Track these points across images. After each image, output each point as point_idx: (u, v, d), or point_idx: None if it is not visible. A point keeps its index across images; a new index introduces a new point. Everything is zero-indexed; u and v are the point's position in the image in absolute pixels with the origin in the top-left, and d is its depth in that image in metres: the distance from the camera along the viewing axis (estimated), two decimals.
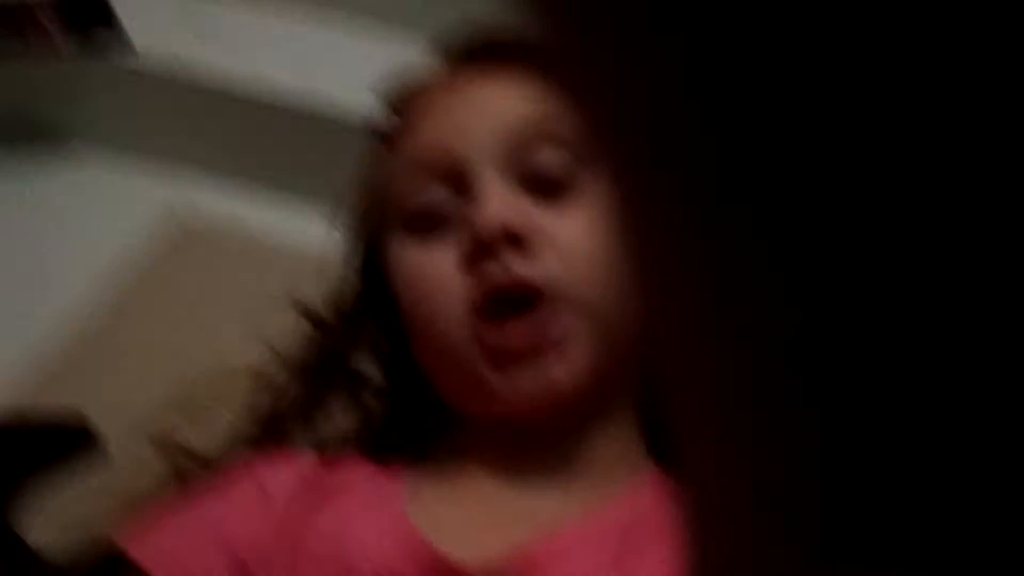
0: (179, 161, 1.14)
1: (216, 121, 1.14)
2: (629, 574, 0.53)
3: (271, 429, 0.68)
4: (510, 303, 0.57)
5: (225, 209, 1.07)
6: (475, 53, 0.67)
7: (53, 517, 0.73)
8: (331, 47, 1.17)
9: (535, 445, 0.60)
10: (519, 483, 0.59)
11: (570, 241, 0.58)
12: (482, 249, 0.56)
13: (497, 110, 0.61)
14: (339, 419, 0.68)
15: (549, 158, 0.60)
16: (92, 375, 0.89)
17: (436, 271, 0.59)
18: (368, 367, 0.69)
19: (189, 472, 0.69)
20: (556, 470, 0.59)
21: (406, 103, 0.67)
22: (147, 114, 1.15)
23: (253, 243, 1.03)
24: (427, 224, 0.60)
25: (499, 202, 0.57)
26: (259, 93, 1.12)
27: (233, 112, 1.12)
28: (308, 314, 0.71)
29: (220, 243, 1.03)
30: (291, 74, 1.13)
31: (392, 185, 0.63)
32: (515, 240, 0.57)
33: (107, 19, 1.15)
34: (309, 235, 0.79)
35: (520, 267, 0.57)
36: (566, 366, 0.57)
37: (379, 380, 0.69)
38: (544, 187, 0.60)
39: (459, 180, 0.60)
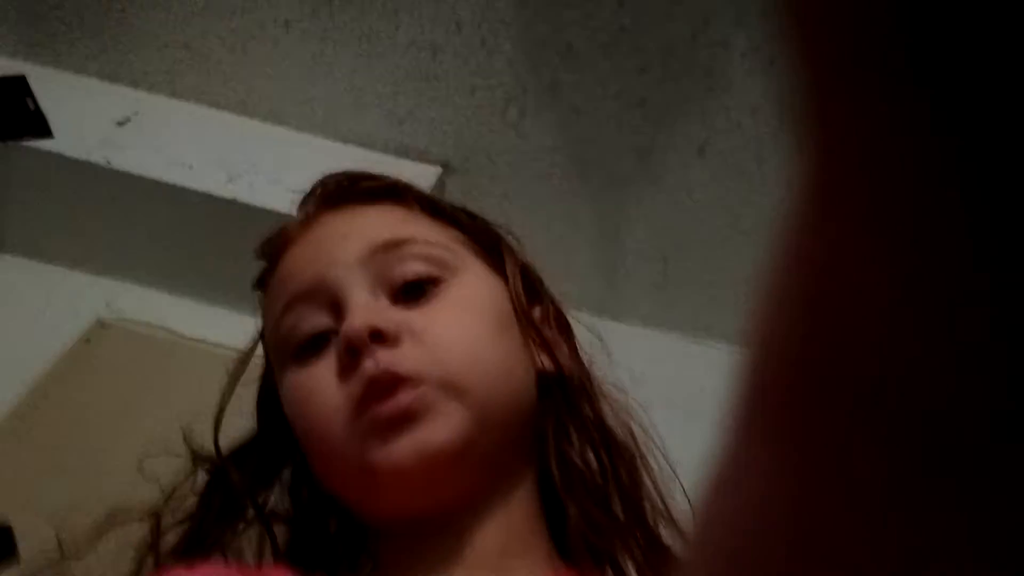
0: (100, 255, 1.15)
1: (139, 214, 1.16)
2: None
3: (190, 542, 0.70)
4: (384, 391, 0.62)
5: (149, 307, 1.07)
6: (330, 196, 0.75)
7: None
8: (260, 144, 1.19)
9: (438, 542, 0.64)
10: None
11: (433, 331, 0.64)
12: (352, 351, 0.62)
13: (357, 235, 0.69)
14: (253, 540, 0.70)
15: (406, 267, 0.67)
16: (7, 474, 0.89)
17: (318, 384, 0.65)
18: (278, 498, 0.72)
19: None
20: (463, 566, 0.63)
21: (275, 249, 0.73)
22: (67, 207, 1.15)
23: (176, 343, 1.04)
24: (311, 350, 0.66)
25: (364, 309, 0.64)
26: (185, 187, 1.12)
27: (157, 205, 1.14)
28: (210, 458, 0.73)
29: (142, 342, 1.04)
30: (221, 168, 1.14)
31: (277, 326, 0.69)
32: (379, 337, 0.62)
33: (27, 108, 1.16)
34: (235, 335, 0.81)
35: (387, 357, 0.62)
36: (437, 428, 0.62)
37: (286, 509, 0.72)
38: (407, 292, 0.67)
39: (333, 303, 0.66)
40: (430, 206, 0.73)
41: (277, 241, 0.73)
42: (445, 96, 1.22)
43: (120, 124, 1.20)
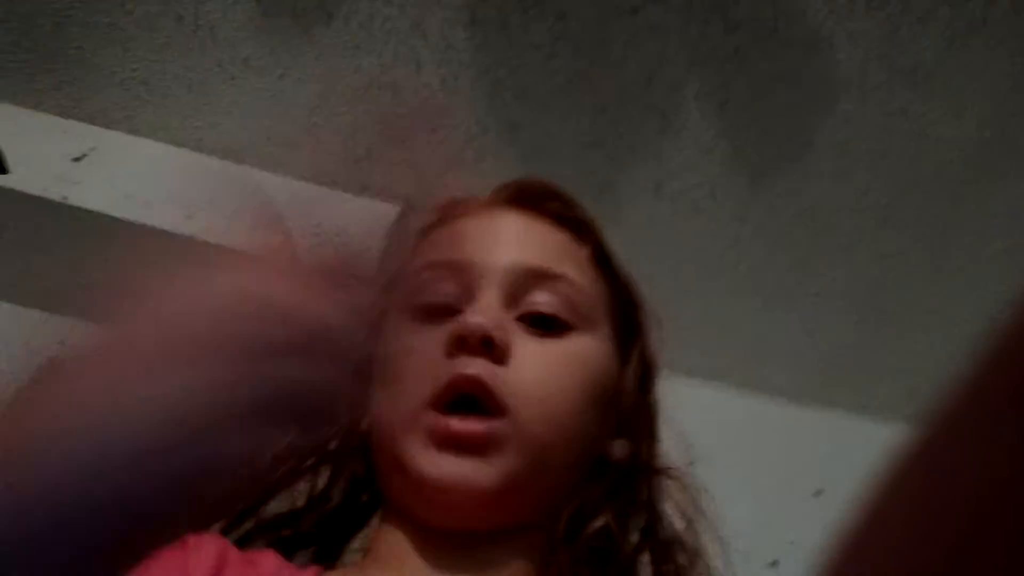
0: (55, 293, 1.13)
1: (96, 251, 1.14)
2: None
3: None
4: (464, 403, 0.63)
5: None
6: (524, 196, 0.75)
7: None
8: (219, 181, 1.19)
9: (444, 553, 0.65)
10: None
11: (534, 367, 0.65)
12: (460, 342, 0.64)
13: (523, 245, 0.71)
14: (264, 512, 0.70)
15: (547, 299, 0.68)
16: None
17: (422, 348, 0.66)
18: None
19: None
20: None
21: (453, 211, 0.75)
22: (23, 243, 1.13)
23: None
24: (430, 314, 0.68)
25: (488, 311, 0.66)
26: (143, 224, 1.11)
27: (114, 242, 1.13)
28: None
29: None
30: (178, 205, 1.13)
31: (412, 276, 0.71)
32: (489, 345, 0.64)
33: None
34: None
35: (484, 369, 0.64)
36: (488, 470, 0.63)
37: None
38: (532, 320, 0.68)
39: (468, 286, 0.68)
40: (600, 256, 0.74)
41: (459, 205, 0.75)
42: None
43: (76, 160, 1.19)
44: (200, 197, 1.18)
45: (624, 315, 0.74)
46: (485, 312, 0.66)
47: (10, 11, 1.17)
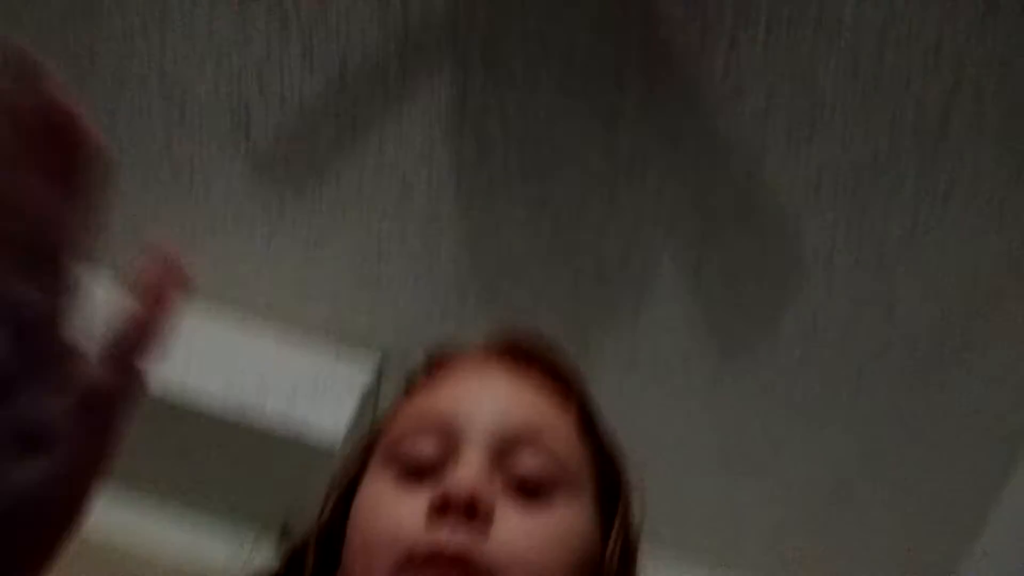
0: None
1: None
2: None
3: None
4: (440, 567, 0.61)
5: (120, 520, 1.03)
6: (514, 349, 0.74)
7: None
8: (260, 357, 1.20)
9: None
10: None
11: (517, 540, 0.63)
12: (444, 506, 0.62)
13: (511, 404, 0.69)
14: None
15: (532, 462, 0.66)
16: None
17: (404, 510, 0.64)
18: None
19: None
20: None
21: (442, 362, 0.74)
22: None
23: (147, 559, 0.98)
24: (412, 471, 0.66)
25: (475, 475, 0.64)
26: (168, 397, 1.11)
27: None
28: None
29: (112, 558, 0.98)
30: (210, 381, 1.14)
31: (396, 428, 0.69)
32: (473, 512, 0.62)
33: None
34: (210, 554, 0.76)
35: (465, 538, 0.61)
36: None
37: None
38: (518, 484, 0.66)
39: (452, 445, 0.66)
40: (587, 418, 0.73)
41: (449, 357, 0.74)
42: (388, 297, 1.25)
43: None
44: (179, 346, 1.17)
45: (607, 481, 0.73)
46: (470, 474, 0.64)
47: None
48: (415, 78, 1.14)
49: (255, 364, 1.19)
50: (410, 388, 0.74)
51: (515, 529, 0.64)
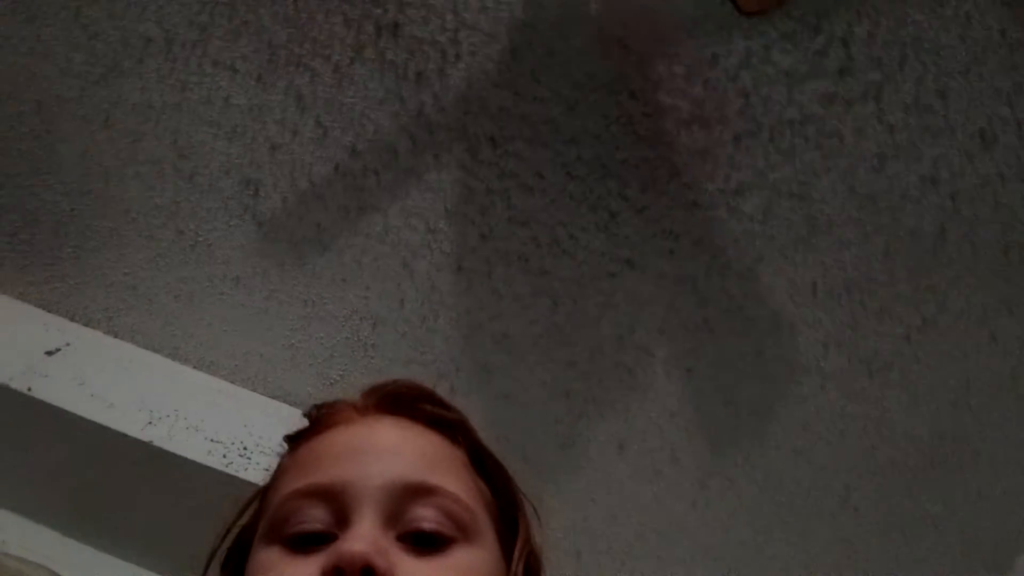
0: None
1: (49, 447, 1.13)
2: None
3: None
4: None
5: (35, 543, 1.02)
6: (393, 401, 0.73)
7: None
8: (188, 390, 1.20)
9: None
10: None
11: None
12: (339, 572, 0.60)
13: (396, 459, 0.67)
14: None
15: (425, 514, 0.65)
16: None
17: None
18: None
19: None
20: None
21: (322, 420, 0.72)
22: None
23: None
24: (303, 544, 0.64)
25: (368, 538, 0.62)
26: (101, 424, 1.10)
27: (69, 440, 1.11)
28: None
29: None
30: (143, 410, 1.13)
31: (284, 503, 0.67)
32: (370, 574, 0.60)
33: None
34: None
35: None
36: None
37: None
38: (414, 540, 0.64)
39: (342, 510, 0.64)
40: (476, 458, 0.72)
41: (328, 414, 0.72)
42: (380, 365, 1.25)
43: (49, 353, 1.20)
44: (167, 404, 1.17)
45: (504, 512, 0.72)
46: (363, 537, 0.62)
47: (17, 204, 1.21)
48: (424, 156, 1.16)
49: (238, 428, 1.19)
50: (293, 446, 0.72)
51: None
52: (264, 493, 0.72)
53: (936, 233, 1.11)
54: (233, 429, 1.18)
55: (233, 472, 1.11)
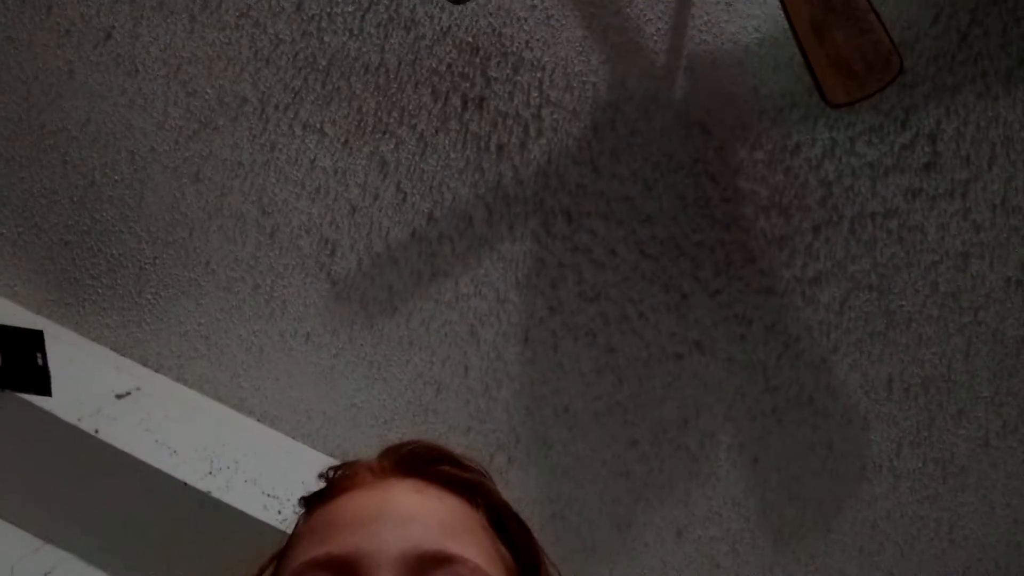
0: (53, 521, 1.11)
1: (110, 490, 1.14)
2: None
3: None
4: None
5: None
6: (411, 463, 0.72)
7: None
8: (250, 442, 1.22)
9: None
10: None
11: None
12: None
13: (412, 526, 0.65)
14: None
15: None
16: None
17: None
18: None
19: None
20: None
21: (337, 484, 0.71)
22: (42, 469, 1.14)
23: None
24: None
25: None
26: (162, 471, 1.11)
27: (130, 484, 1.12)
28: None
29: None
30: (204, 459, 1.15)
31: (296, 570, 0.65)
32: None
33: (35, 363, 1.19)
34: None
35: None
36: None
37: None
38: None
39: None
40: (497, 522, 0.71)
41: (344, 476, 0.71)
42: (439, 431, 1.25)
43: (119, 397, 1.22)
44: (227, 455, 1.18)
45: (526, 571, 0.69)
46: None
47: (103, 248, 1.25)
48: (499, 227, 1.17)
49: (295, 484, 1.19)
50: (308, 510, 0.71)
51: None
52: (279, 559, 0.70)
53: (1020, 337, 1.07)
54: (290, 485, 1.18)
55: (287, 529, 1.11)
